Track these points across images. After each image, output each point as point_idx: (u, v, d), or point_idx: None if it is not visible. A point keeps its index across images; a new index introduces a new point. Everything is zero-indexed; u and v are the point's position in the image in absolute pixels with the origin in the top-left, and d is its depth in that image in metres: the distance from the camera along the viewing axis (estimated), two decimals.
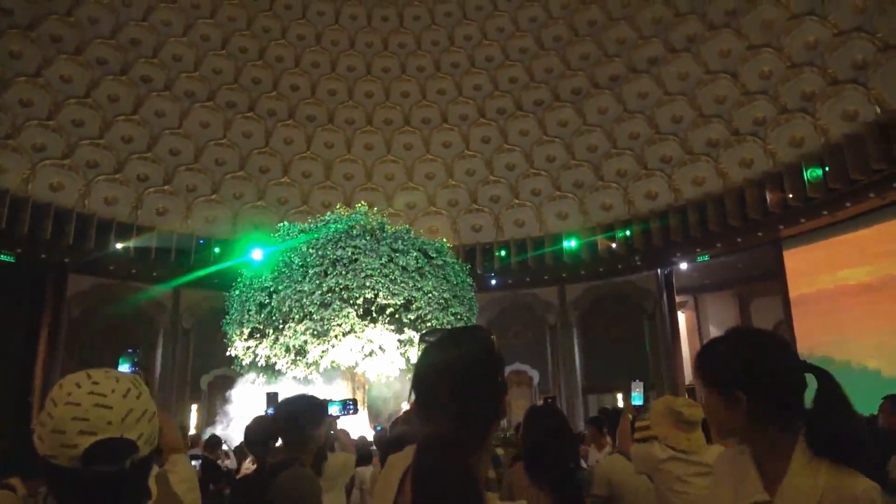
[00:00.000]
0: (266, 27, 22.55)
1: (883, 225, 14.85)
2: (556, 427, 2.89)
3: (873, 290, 14.66)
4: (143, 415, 1.23)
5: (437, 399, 1.28)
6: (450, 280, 14.11)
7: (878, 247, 14.84)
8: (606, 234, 20.41)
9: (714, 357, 1.66)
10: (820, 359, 15.03)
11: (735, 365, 1.60)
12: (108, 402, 1.18)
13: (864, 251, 15.18)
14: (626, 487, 3.40)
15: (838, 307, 15.46)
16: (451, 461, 1.16)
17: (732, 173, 18.12)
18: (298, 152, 22.21)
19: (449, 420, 1.23)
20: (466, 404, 1.26)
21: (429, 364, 1.34)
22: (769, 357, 1.59)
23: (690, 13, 19.53)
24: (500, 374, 1.37)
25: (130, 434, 1.18)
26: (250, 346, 13.34)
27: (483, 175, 22.54)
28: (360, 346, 12.60)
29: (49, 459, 1.14)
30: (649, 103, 20.35)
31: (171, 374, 19.45)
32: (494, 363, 1.37)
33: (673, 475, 2.95)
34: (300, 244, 13.59)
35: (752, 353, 1.60)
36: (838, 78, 15.92)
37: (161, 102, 20.52)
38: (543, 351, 21.29)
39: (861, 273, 15.16)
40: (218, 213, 20.81)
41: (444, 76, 23.27)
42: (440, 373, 1.30)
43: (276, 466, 2.92)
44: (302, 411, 3.08)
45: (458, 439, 1.19)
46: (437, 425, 1.24)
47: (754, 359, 1.59)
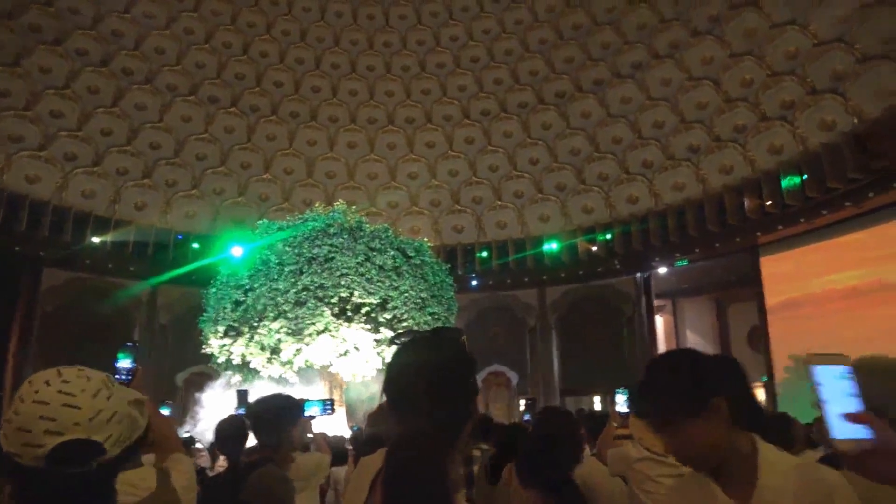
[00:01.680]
0: (251, 22, 22.38)
1: (858, 234, 15.08)
2: (562, 432, 2.90)
3: (849, 297, 14.88)
4: (113, 416, 1.21)
5: (410, 400, 1.27)
6: (428, 280, 14.06)
7: (854, 255, 15.06)
8: (587, 236, 20.53)
9: (675, 381, 1.55)
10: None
11: (705, 373, 1.55)
12: (77, 402, 1.16)
13: (840, 259, 15.41)
14: (600, 490, 3.41)
15: (814, 313, 15.69)
16: (423, 463, 1.15)
17: (712, 179, 18.31)
18: (281, 149, 22.07)
19: (420, 421, 1.23)
20: (439, 405, 1.25)
21: (401, 365, 1.34)
22: (721, 358, 1.61)
23: (675, 20, 19.71)
24: (472, 375, 1.37)
25: (98, 435, 1.16)
26: (225, 344, 13.21)
27: (466, 176, 22.56)
28: (334, 346, 12.52)
29: (13, 457, 1.12)
30: (632, 108, 20.50)
31: (146, 371, 19.19)
32: (466, 364, 1.36)
33: (645, 475, 2.97)
34: (277, 242, 13.48)
35: (705, 359, 1.59)
36: (817, 87, 16.15)
37: (142, 95, 20.28)
38: (522, 352, 21.34)
39: (837, 280, 15.39)
40: (198, 209, 20.62)
41: (429, 76, 23.25)
42: (413, 373, 1.30)
43: (249, 465, 2.89)
44: (277, 410, 3.05)
45: (431, 440, 1.19)
46: (409, 426, 1.23)
47: (714, 362, 1.58)
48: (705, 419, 1.49)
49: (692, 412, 1.50)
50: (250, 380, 13.33)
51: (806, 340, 15.56)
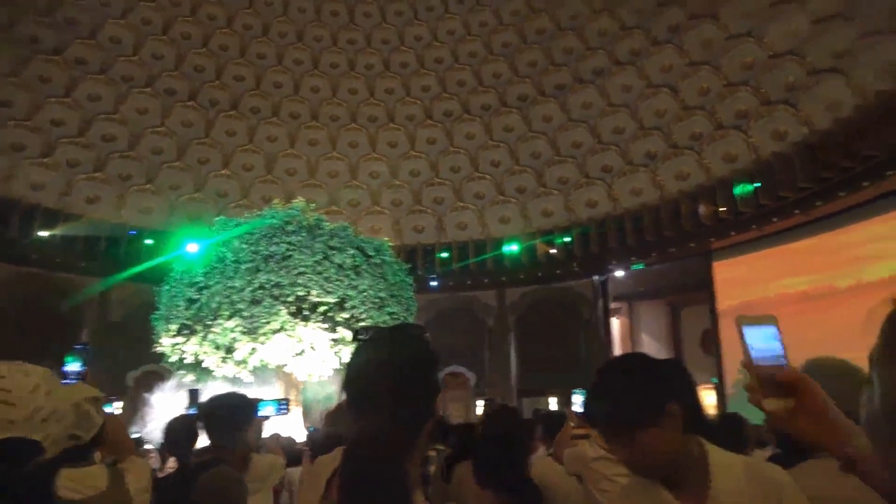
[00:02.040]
0: (211, 15, 21.96)
1: (810, 240, 15.56)
2: (516, 431, 2.90)
3: (801, 302, 15.33)
4: (51, 414, 1.15)
5: (370, 397, 1.24)
6: (387, 279, 13.99)
7: (806, 261, 15.54)
8: (546, 239, 20.74)
9: (630, 388, 1.49)
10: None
11: (660, 379, 1.51)
12: (13, 399, 1.10)
13: (793, 264, 15.86)
14: (556, 490, 3.43)
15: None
16: (382, 462, 1.13)
17: (669, 185, 18.68)
18: (240, 145, 21.70)
19: (381, 419, 1.20)
20: (400, 403, 1.22)
21: (362, 361, 1.31)
22: (670, 362, 1.59)
23: (636, 28, 20.06)
24: (434, 373, 1.35)
25: (36, 434, 1.11)
26: (178, 342, 12.90)
27: (427, 176, 22.55)
28: (290, 345, 12.34)
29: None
30: (593, 113, 20.78)
31: (95, 369, 18.62)
32: (429, 361, 1.34)
33: (600, 474, 3.00)
34: (233, 238, 13.22)
35: (657, 363, 1.55)
36: (771, 98, 16.63)
37: (96, 85, 19.70)
38: (481, 353, 21.42)
39: (789, 285, 15.84)
40: (153, 204, 20.11)
41: (393, 75, 23.17)
42: (374, 370, 1.27)
43: (200, 466, 2.82)
44: (231, 409, 2.98)
45: (391, 439, 1.17)
46: (369, 424, 1.21)
47: (666, 366, 1.55)
48: (661, 426, 1.44)
49: (649, 420, 1.44)
50: (204, 380, 13.05)
51: (735, 345, 15.97)
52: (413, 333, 1.37)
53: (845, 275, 14.38)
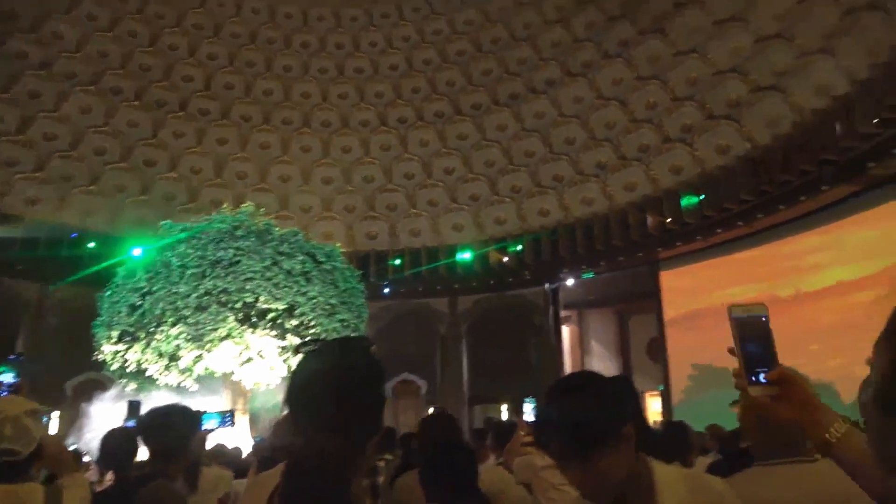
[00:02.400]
0: (160, 13, 21.43)
1: (750, 252, 16.12)
2: (455, 438, 2.89)
3: (716, 315, 15.74)
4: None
5: (314, 411, 1.22)
6: (338, 286, 13.81)
7: (751, 270, 16.05)
8: (499, 246, 20.89)
9: (586, 411, 1.41)
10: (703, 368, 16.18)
11: (614, 401, 1.46)
12: None
13: (739, 274, 16.35)
14: (506, 499, 3.45)
15: (713, 325, 16.50)
16: (326, 479, 1.12)
17: (618, 195, 19.09)
18: (189, 147, 21.19)
19: (326, 434, 1.19)
20: (345, 416, 1.20)
21: (306, 373, 1.28)
22: (620, 380, 1.58)
23: (587, 41, 20.45)
24: (380, 385, 1.34)
25: None
26: (119, 350, 12.47)
27: (381, 183, 22.46)
28: (237, 353, 12.07)
29: None
30: (545, 123, 21.08)
31: (31, 378, 17.84)
32: (375, 374, 1.33)
33: (549, 482, 3.02)
34: (179, 242, 12.86)
35: (609, 383, 1.51)
36: (714, 113, 17.19)
37: (37, 83, 18.97)
38: (433, 361, 21.40)
39: (735, 294, 16.30)
40: (96, 206, 19.44)
41: (347, 80, 23.04)
42: (318, 383, 1.24)
43: (141, 479, 2.73)
44: (173, 421, 2.90)
45: (335, 454, 1.15)
46: (314, 440, 1.19)
47: (616, 385, 1.51)
48: (616, 448, 1.40)
49: (606, 443, 1.39)
50: (147, 389, 12.65)
51: (705, 351, 16.40)
52: (359, 345, 1.36)
53: (786, 285, 14.94)
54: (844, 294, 13.41)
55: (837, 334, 12.79)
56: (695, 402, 16.19)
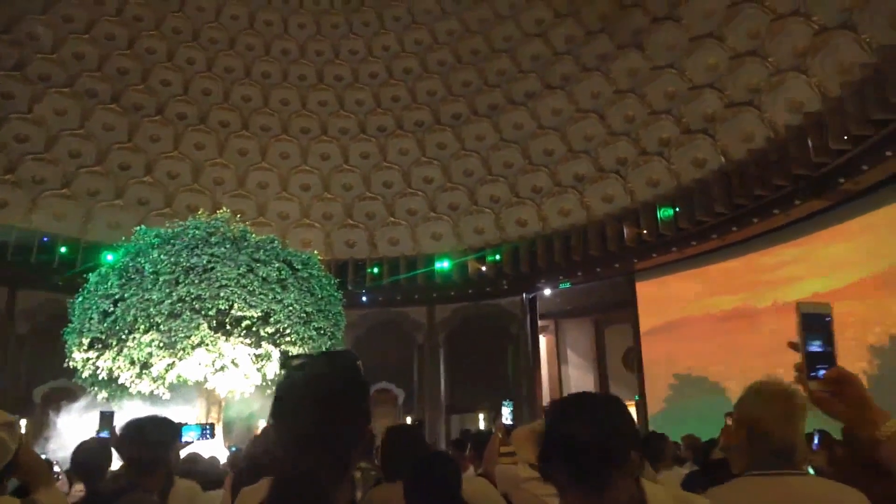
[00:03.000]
0: (138, 16, 21.19)
1: (727, 263, 16.36)
2: (420, 452, 2.87)
3: (725, 320, 16.02)
4: None
5: (299, 423, 1.22)
6: (314, 293, 13.69)
7: (724, 282, 16.30)
8: (477, 255, 20.94)
9: (601, 441, 1.35)
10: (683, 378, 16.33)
11: (629, 425, 1.43)
12: None
13: (711, 286, 16.60)
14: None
15: (691, 335, 16.72)
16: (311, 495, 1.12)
17: (595, 207, 19.26)
18: (164, 151, 20.94)
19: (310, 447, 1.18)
20: (329, 430, 1.21)
21: (291, 387, 1.28)
22: (616, 402, 1.52)
23: (566, 54, 20.66)
24: (365, 401, 1.34)
25: None
26: (90, 357, 12.24)
27: (360, 191, 22.40)
28: (210, 360, 11.91)
29: None
30: (524, 135, 21.22)
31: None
32: (361, 390, 1.33)
33: (531, 494, 3.03)
34: (152, 248, 12.67)
35: (613, 409, 1.45)
36: (691, 127, 17.46)
37: (9, 84, 18.65)
38: (410, 370, 21.33)
39: (711, 305, 16.55)
40: (67, 210, 19.11)
41: (327, 88, 22.98)
42: (303, 397, 1.24)
43: (116, 492, 2.67)
44: (151, 433, 2.85)
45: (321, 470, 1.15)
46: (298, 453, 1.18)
47: (618, 410, 1.45)
48: (628, 473, 1.38)
49: (622, 466, 1.35)
50: (119, 397, 12.42)
51: (684, 360, 16.58)
52: (344, 360, 1.36)
53: (763, 296, 15.16)
54: None
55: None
56: (675, 411, 16.33)
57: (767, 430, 1.89)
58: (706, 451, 6.96)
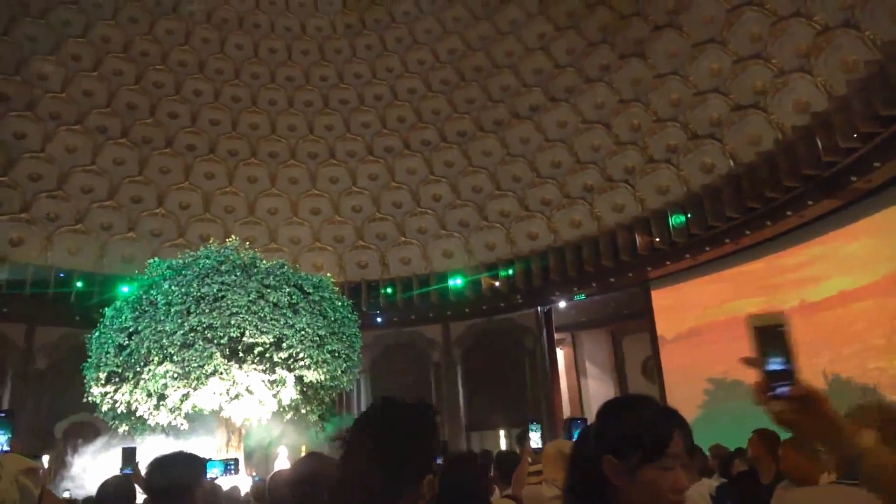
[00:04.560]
0: (144, 51, 21.53)
1: (743, 267, 16.20)
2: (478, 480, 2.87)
3: (743, 324, 15.75)
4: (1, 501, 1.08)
5: (364, 474, 1.37)
6: (327, 316, 13.65)
7: (745, 285, 16.11)
8: (490, 272, 20.90)
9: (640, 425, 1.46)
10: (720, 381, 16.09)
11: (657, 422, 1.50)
12: None
13: (733, 289, 16.40)
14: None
15: (716, 339, 16.49)
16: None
17: (606, 217, 19.21)
18: (175, 183, 21.16)
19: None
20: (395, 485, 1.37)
21: (375, 418, 1.49)
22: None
23: (569, 66, 20.73)
24: (429, 442, 1.48)
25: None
26: (108, 391, 12.28)
27: (370, 212, 22.49)
28: (224, 389, 11.91)
29: None
30: (530, 148, 21.26)
31: (20, 421, 17.50)
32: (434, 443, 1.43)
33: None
34: (164, 280, 12.73)
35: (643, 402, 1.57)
36: (698, 133, 17.42)
37: (21, 124, 18.95)
38: (427, 389, 21.23)
39: (732, 308, 16.34)
40: (82, 245, 19.32)
41: (333, 112, 23.18)
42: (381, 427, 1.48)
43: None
44: (178, 469, 2.83)
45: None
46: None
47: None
48: (661, 465, 1.44)
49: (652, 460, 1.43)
50: (140, 430, 12.43)
51: (714, 365, 16.34)
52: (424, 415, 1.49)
53: (788, 297, 14.95)
54: (847, 303, 13.55)
55: (845, 343, 13.06)
56: (711, 417, 15.97)
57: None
58: (727, 462, 6.85)
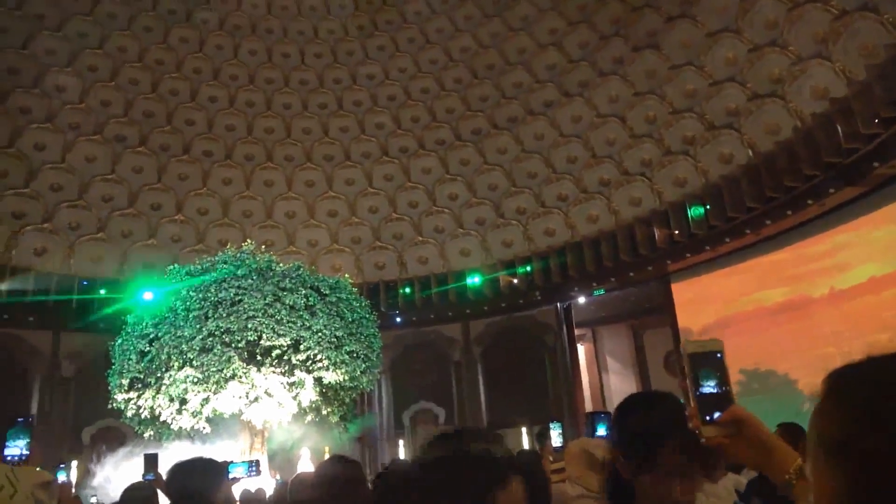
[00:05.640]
0: (160, 60, 21.77)
1: (768, 256, 15.98)
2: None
3: (778, 313, 15.64)
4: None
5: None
6: (344, 317, 13.69)
7: (769, 275, 15.88)
8: (508, 270, 20.84)
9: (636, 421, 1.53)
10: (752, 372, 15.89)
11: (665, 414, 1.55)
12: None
13: (758, 279, 16.18)
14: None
15: (743, 330, 16.30)
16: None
17: (623, 211, 19.05)
18: (194, 189, 21.37)
19: None
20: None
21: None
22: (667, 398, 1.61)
23: (582, 60, 20.59)
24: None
25: None
26: (131, 397, 12.46)
27: (386, 212, 22.54)
28: (244, 392, 12.01)
29: None
30: (545, 144, 21.15)
31: (48, 428, 17.82)
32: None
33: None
34: (183, 288, 12.88)
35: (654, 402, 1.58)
36: (715, 123, 17.21)
37: (41, 135, 19.25)
38: (448, 388, 21.24)
39: (758, 299, 16.15)
40: (104, 253, 19.59)
41: (347, 114, 23.25)
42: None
43: None
44: (197, 474, 2.86)
45: None
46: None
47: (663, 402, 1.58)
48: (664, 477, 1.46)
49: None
50: (166, 435, 12.59)
51: (745, 356, 16.15)
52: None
53: (816, 285, 14.72)
54: (879, 289, 13.28)
55: (878, 329, 12.80)
56: (747, 408, 15.75)
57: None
58: None
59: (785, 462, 1.16)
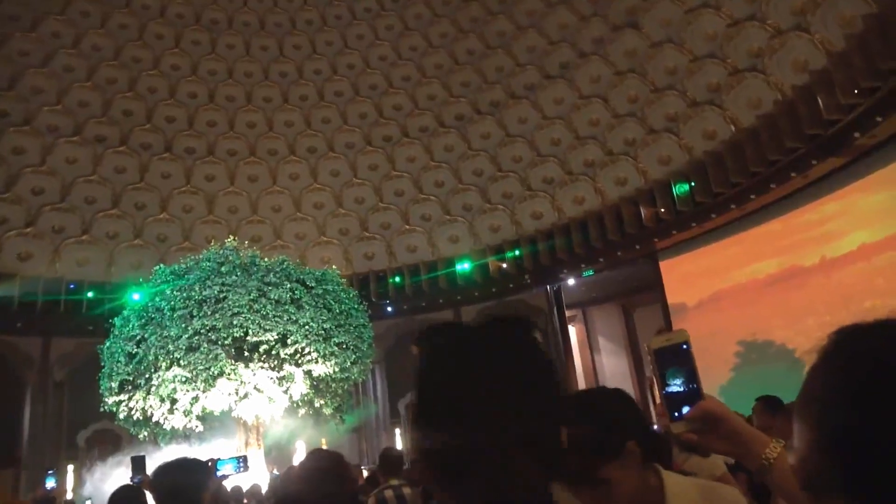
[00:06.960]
0: (136, 57, 21.49)
1: (758, 229, 16.01)
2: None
3: (764, 286, 15.72)
4: None
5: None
6: (331, 309, 13.66)
7: (760, 247, 15.92)
8: (497, 255, 20.85)
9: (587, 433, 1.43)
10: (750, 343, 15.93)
11: (612, 421, 1.50)
12: None
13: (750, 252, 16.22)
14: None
15: (735, 304, 16.41)
16: None
17: (609, 191, 19.08)
18: (177, 186, 21.19)
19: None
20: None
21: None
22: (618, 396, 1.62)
23: (562, 41, 20.52)
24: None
25: None
26: (122, 399, 12.41)
27: (372, 202, 22.46)
28: (233, 389, 11.98)
29: None
30: (529, 128, 21.11)
31: (41, 433, 17.75)
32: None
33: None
34: (167, 288, 12.80)
35: (606, 401, 1.58)
36: (697, 100, 17.23)
37: (20, 139, 19.01)
38: None
39: (751, 272, 16.20)
40: (90, 255, 19.42)
41: (329, 105, 23.09)
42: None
43: None
44: (183, 475, 2.85)
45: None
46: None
47: (612, 404, 1.57)
48: (622, 465, 1.44)
49: (610, 459, 1.44)
50: (161, 436, 12.56)
51: (741, 328, 16.22)
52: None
53: (807, 254, 14.78)
54: (869, 256, 13.37)
55: (868, 297, 12.93)
56: (743, 379, 15.80)
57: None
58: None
59: (758, 450, 1.16)
